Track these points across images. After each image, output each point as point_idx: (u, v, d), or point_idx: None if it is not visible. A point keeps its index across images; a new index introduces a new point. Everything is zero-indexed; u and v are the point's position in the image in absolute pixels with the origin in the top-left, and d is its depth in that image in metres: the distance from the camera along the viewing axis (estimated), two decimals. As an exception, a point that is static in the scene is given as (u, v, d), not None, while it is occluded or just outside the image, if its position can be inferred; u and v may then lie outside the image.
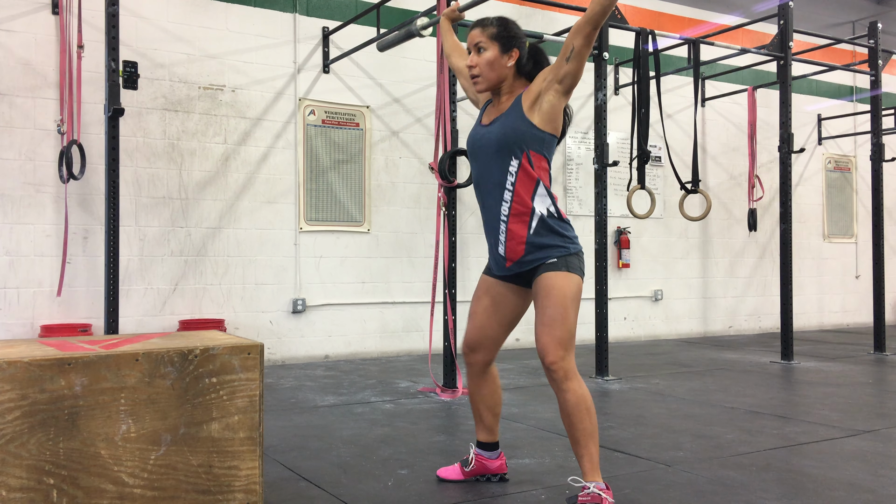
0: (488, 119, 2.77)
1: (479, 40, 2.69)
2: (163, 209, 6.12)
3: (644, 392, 5.08)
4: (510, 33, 2.69)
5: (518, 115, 2.64)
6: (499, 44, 2.67)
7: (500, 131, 2.66)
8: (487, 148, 2.70)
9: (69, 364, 2.25)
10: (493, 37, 2.67)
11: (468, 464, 2.95)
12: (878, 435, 3.80)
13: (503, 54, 2.68)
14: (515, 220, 2.65)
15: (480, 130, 2.76)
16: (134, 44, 5.97)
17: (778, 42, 6.72)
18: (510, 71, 2.70)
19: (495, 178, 2.69)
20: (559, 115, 2.66)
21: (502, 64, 2.68)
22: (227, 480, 2.47)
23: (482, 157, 2.73)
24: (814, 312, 9.88)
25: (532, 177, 2.65)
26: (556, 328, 2.55)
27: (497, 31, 2.68)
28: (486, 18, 2.73)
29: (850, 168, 10.32)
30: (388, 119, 7.10)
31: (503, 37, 2.68)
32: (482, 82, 2.71)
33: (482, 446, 2.95)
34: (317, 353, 6.72)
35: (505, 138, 2.64)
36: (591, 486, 2.51)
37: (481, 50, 2.68)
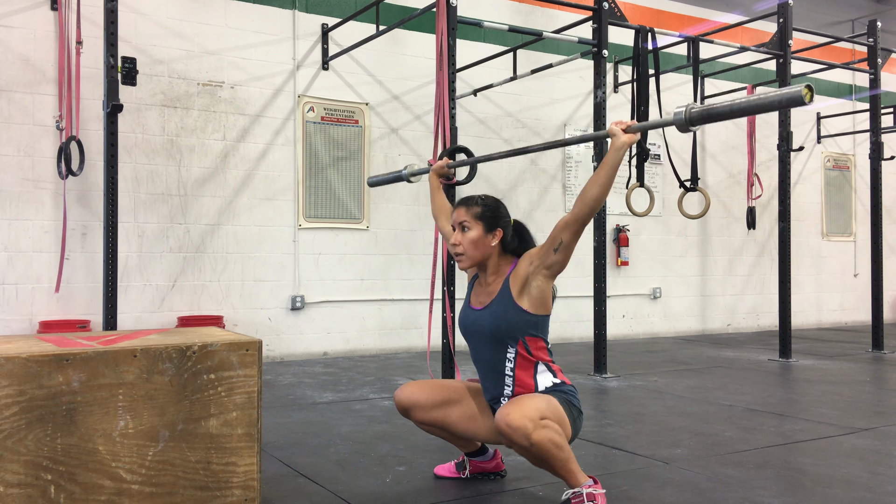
0: (478, 301, 2.75)
1: (463, 219, 2.69)
2: (161, 206, 6.12)
3: (642, 390, 5.09)
4: (494, 213, 2.70)
5: (508, 303, 2.62)
6: (483, 223, 2.67)
7: (492, 322, 2.64)
8: (481, 335, 2.69)
9: (67, 360, 2.25)
10: (477, 216, 2.68)
11: (463, 468, 2.95)
12: (875, 433, 3.80)
13: (487, 233, 2.68)
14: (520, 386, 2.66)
15: (472, 315, 2.74)
16: (133, 40, 5.96)
17: (777, 40, 6.72)
18: (494, 250, 2.70)
19: (493, 363, 2.68)
20: (548, 296, 2.67)
21: (486, 243, 2.68)
22: (225, 477, 2.47)
23: (477, 342, 2.73)
24: (812, 311, 9.88)
25: (530, 360, 2.64)
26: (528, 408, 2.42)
27: (481, 212, 2.68)
28: (471, 197, 2.73)
29: (849, 166, 10.32)
30: (388, 116, 7.09)
31: (487, 217, 2.68)
32: (466, 260, 2.70)
33: (472, 454, 2.95)
34: (315, 350, 6.72)
35: (498, 330, 2.63)
36: (582, 489, 2.49)
37: (465, 229, 2.68)
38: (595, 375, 5.64)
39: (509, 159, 7.71)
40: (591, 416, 4.19)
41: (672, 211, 8.51)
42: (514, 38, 7.34)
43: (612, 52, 8.00)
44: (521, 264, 2.66)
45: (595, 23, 5.78)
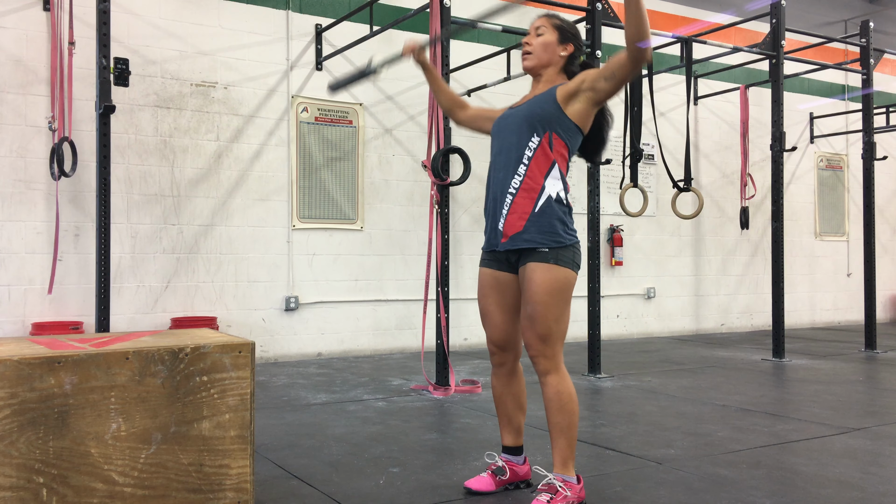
0: (521, 102, 2.82)
1: (540, 25, 2.78)
2: (155, 206, 6.10)
3: (636, 390, 5.09)
4: (572, 31, 2.80)
5: (549, 99, 2.68)
6: (559, 33, 2.76)
7: (528, 109, 2.71)
8: (512, 124, 2.74)
9: (59, 363, 2.24)
10: (555, 26, 2.77)
11: (503, 472, 2.83)
12: (868, 432, 3.81)
13: (560, 43, 2.75)
14: (523, 195, 2.66)
15: (510, 112, 2.81)
16: (125, 40, 5.95)
17: (770, 41, 6.74)
18: (560, 60, 2.76)
19: (513, 152, 2.71)
20: (587, 119, 2.71)
21: (555, 51, 2.75)
22: (218, 479, 2.46)
23: (504, 134, 2.77)
24: (805, 310, 9.92)
25: (549, 157, 2.67)
26: (537, 324, 2.60)
27: (561, 24, 2.78)
28: (555, 14, 2.84)
29: (842, 166, 10.36)
30: (382, 116, 7.09)
31: (564, 30, 2.77)
32: (531, 59, 2.77)
33: (510, 451, 2.87)
34: (309, 351, 6.71)
35: (531, 114, 2.68)
36: (551, 477, 2.60)
37: (540, 33, 2.76)
38: (589, 375, 5.65)
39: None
40: (585, 417, 4.20)
41: (666, 211, 8.52)
42: (508, 38, 7.34)
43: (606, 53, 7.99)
44: (573, 80, 2.69)
45: (588, 23, 5.79)
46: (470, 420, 4.12)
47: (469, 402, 4.63)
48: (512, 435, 2.86)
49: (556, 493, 2.57)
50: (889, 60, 10.24)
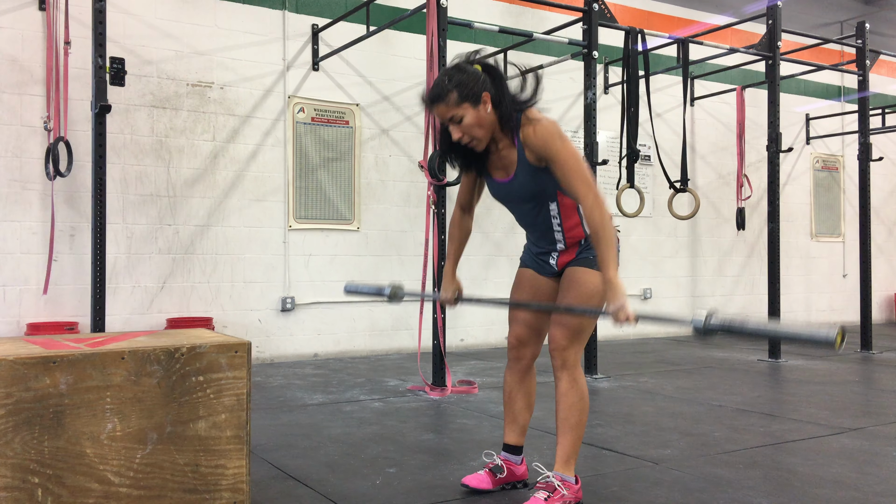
0: (500, 174, 2.68)
1: (450, 114, 2.52)
2: (150, 207, 6.09)
3: (632, 390, 5.10)
4: (469, 85, 2.50)
5: (532, 169, 2.58)
6: (469, 102, 2.51)
7: (524, 188, 2.63)
8: (518, 201, 2.70)
9: (54, 362, 2.23)
10: (459, 101, 2.50)
11: (500, 470, 2.83)
12: (864, 433, 3.82)
13: (478, 107, 2.52)
14: (571, 242, 2.70)
15: (502, 187, 2.70)
16: (121, 40, 5.93)
17: (766, 42, 6.75)
18: (494, 116, 2.55)
19: (540, 223, 2.70)
20: None
21: (485, 116, 2.53)
22: (214, 479, 2.46)
23: (516, 207, 2.75)
24: (801, 311, 9.93)
25: (573, 206, 2.65)
26: (569, 319, 2.60)
27: (459, 94, 2.50)
28: (440, 89, 2.52)
29: (838, 167, 10.38)
30: (378, 117, 7.08)
31: (466, 93, 2.50)
32: (479, 143, 2.58)
33: (510, 450, 2.86)
34: (306, 352, 6.70)
35: (533, 193, 2.63)
36: (550, 475, 2.61)
37: (458, 118, 2.52)
38: (586, 376, 5.64)
39: (500, 160, 7.70)
40: (582, 417, 4.20)
41: (662, 212, 8.53)
42: (505, 39, 7.35)
43: (603, 54, 8.02)
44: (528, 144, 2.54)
45: (585, 24, 5.79)
46: (466, 420, 4.12)
47: (465, 402, 4.63)
48: (515, 434, 2.86)
49: (554, 491, 2.57)
50: (885, 62, 10.27)
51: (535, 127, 2.53)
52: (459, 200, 2.91)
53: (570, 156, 2.50)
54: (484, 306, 2.91)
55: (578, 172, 2.49)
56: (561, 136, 2.52)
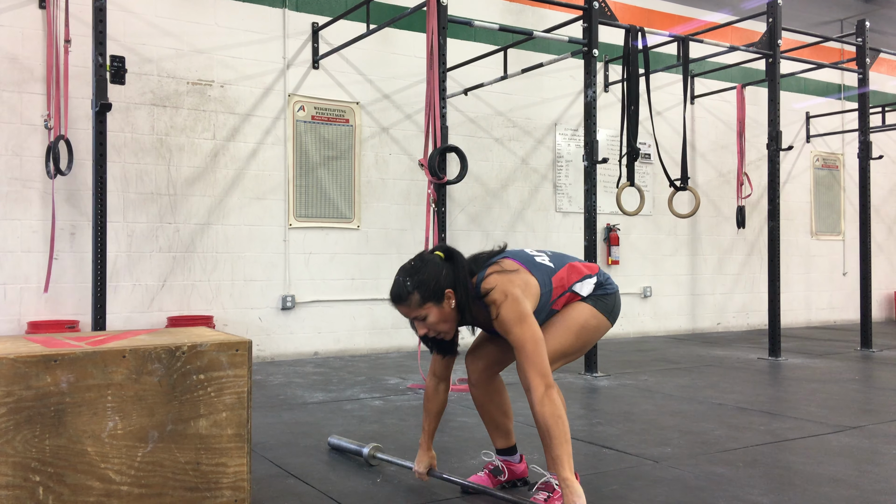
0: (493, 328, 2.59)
1: (413, 315, 2.50)
2: (151, 205, 6.09)
3: (632, 389, 5.10)
4: (430, 285, 2.47)
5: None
6: (431, 301, 2.47)
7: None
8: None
9: (55, 361, 2.23)
10: (420, 302, 2.47)
11: (501, 472, 2.84)
12: (864, 431, 3.82)
13: (441, 305, 2.48)
14: None
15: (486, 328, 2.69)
16: (121, 38, 5.93)
17: (766, 40, 6.75)
18: (454, 309, 2.51)
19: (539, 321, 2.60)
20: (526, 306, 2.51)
21: (449, 312, 2.50)
22: (215, 477, 2.46)
23: None
24: (801, 309, 9.93)
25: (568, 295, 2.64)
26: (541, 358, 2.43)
27: (421, 295, 2.46)
28: (399, 289, 2.49)
29: (838, 166, 10.38)
30: (378, 115, 7.08)
31: (428, 294, 2.46)
32: (447, 335, 2.57)
33: (504, 452, 2.86)
34: (306, 350, 6.70)
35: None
36: (548, 475, 2.60)
37: (423, 317, 2.50)
38: (586, 374, 5.65)
39: (500, 159, 7.72)
40: (582, 416, 4.20)
41: (662, 210, 8.53)
42: (505, 37, 7.34)
43: (603, 52, 8.02)
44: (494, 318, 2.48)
45: (585, 22, 5.79)
46: (466, 419, 4.12)
47: (465, 400, 4.63)
48: (502, 438, 2.86)
49: (554, 491, 2.57)
50: (885, 60, 10.26)
51: (497, 310, 2.46)
52: (434, 371, 2.78)
53: (528, 341, 2.40)
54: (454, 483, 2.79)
55: (533, 361, 2.38)
56: (520, 318, 2.42)
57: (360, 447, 3.20)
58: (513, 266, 2.58)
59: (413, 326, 2.57)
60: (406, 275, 2.51)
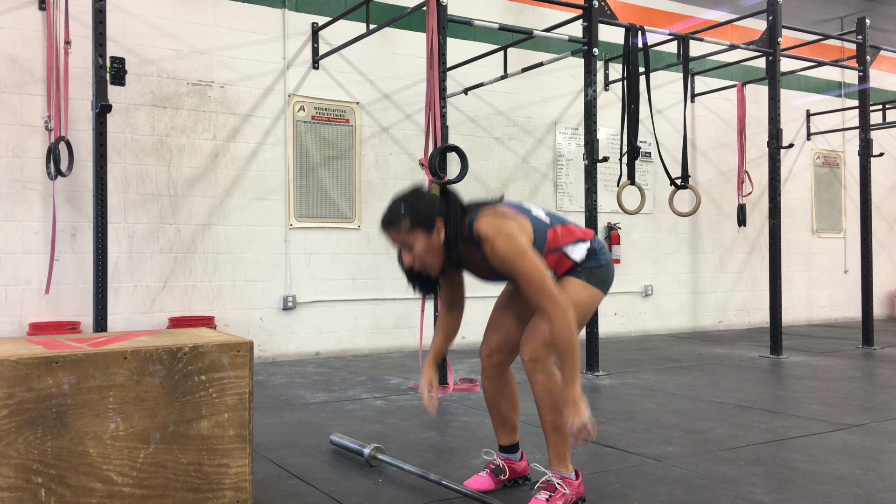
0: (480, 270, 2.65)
1: (401, 240, 2.51)
2: (151, 206, 6.09)
3: (634, 387, 5.10)
4: (422, 212, 2.49)
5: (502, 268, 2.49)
6: (421, 228, 2.49)
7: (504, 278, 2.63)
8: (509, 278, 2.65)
9: (57, 362, 2.23)
10: (411, 227, 2.48)
11: (502, 471, 2.85)
12: (866, 429, 3.82)
13: (430, 235, 2.49)
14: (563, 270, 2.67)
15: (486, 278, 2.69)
16: (121, 39, 5.93)
17: (767, 38, 6.74)
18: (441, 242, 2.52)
19: None
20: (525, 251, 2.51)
21: (437, 244, 2.51)
22: (217, 478, 2.46)
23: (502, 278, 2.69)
24: (802, 307, 9.93)
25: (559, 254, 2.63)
26: (540, 325, 2.56)
27: (412, 220, 2.48)
28: (392, 215, 2.51)
29: (839, 163, 10.37)
30: (378, 115, 7.08)
31: (419, 221, 2.48)
32: (433, 269, 2.56)
33: (506, 450, 2.88)
34: (307, 350, 6.70)
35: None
36: (549, 474, 2.60)
37: (410, 244, 2.50)
38: (587, 373, 5.65)
39: (500, 159, 7.72)
40: (584, 414, 4.20)
41: (663, 208, 8.53)
42: (505, 36, 7.34)
43: (603, 50, 8.02)
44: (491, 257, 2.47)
45: (585, 21, 5.79)
46: (468, 418, 4.12)
47: (467, 400, 4.63)
48: (507, 434, 2.87)
49: (555, 490, 2.56)
50: (885, 57, 10.26)
51: (491, 247, 2.45)
52: (444, 301, 2.84)
53: (532, 271, 2.41)
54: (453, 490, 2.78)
55: (543, 289, 2.41)
56: (520, 252, 2.42)
57: (362, 447, 3.20)
58: (508, 211, 2.58)
59: (399, 259, 2.58)
60: (400, 200, 2.54)
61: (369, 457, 3.14)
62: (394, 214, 2.52)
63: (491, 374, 2.81)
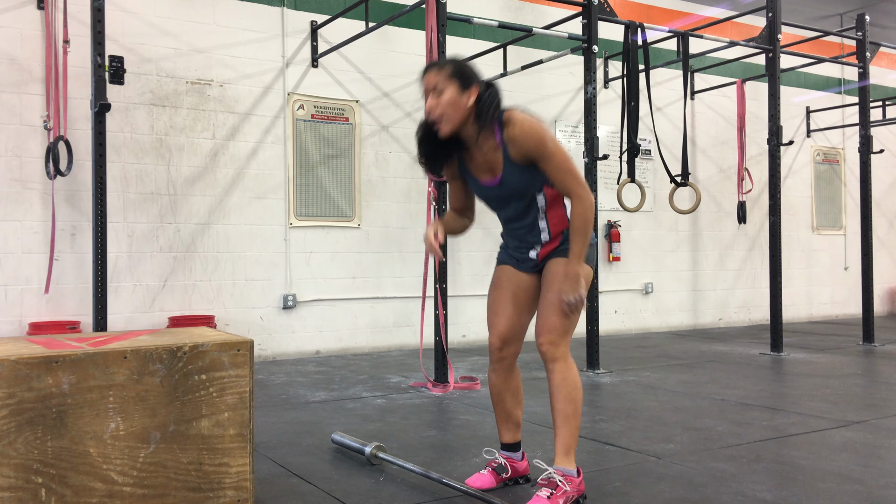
0: (485, 175, 2.70)
1: (435, 82, 2.58)
2: (151, 205, 6.09)
3: (635, 385, 5.10)
4: (467, 71, 2.60)
5: (519, 169, 2.61)
6: (457, 82, 2.57)
7: (512, 189, 2.66)
8: (509, 199, 2.70)
9: (56, 362, 2.23)
10: (449, 76, 2.57)
11: (504, 470, 2.87)
12: (867, 426, 3.82)
13: (463, 92, 2.56)
14: (554, 239, 2.74)
15: (489, 190, 2.72)
16: (120, 38, 5.92)
17: (766, 34, 6.74)
18: (471, 110, 2.58)
19: (526, 219, 2.73)
20: None
21: (463, 103, 2.56)
22: (218, 477, 2.46)
23: (503, 206, 2.76)
24: (803, 304, 9.92)
25: (560, 199, 2.71)
26: (553, 315, 2.64)
27: (453, 70, 2.58)
28: (442, 60, 2.68)
29: (839, 160, 10.36)
30: (378, 113, 7.07)
31: (460, 75, 2.58)
32: (446, 124, 2.58)
33: (509, 448, 2.90)
34: (308, 349, 6.70)
35: (522, 190, 2.65)
36: (551, 471, 2.60)
37: (440, 92, 2.57)
38: (587, 371, 5.65)
39: (500, 156, 7.70)
40: (585, 412, 4.20)
41: (663, 206, 8.52)
42: (504, 34, 7.33)
43: (602, 48, 8.01)
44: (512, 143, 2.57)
45: (585, 18, 5.78)
46: (469, 417, 4.12)
47: (468, 398, 4.63)
48: (511, 431, 2.89)
49: (556, 487, 2.56)
50: (885, 54, 10.25)
51: (521, 127, 2.54)
52: (452, 206, 2.92)
53: (560, 154, 2.56)
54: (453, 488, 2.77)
55: (569, 171, 2.57)
56: (550, 136, 2.58)
57: (363, 446, 3.20)
58: None
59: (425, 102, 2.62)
60: (453, 57, 2.80)
61: (370, 455, 3.14)
62: (442, 60, 2.67)
63: (499, 368, 2.85)
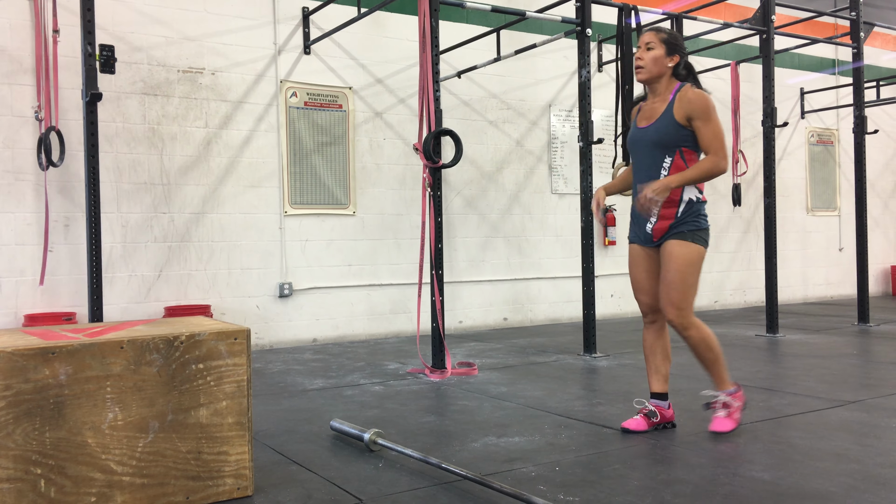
0: (644, 121, 3.33)
1: (649, 40, 3.29)
2: (145, 195, 6.06)
3: (631, 368, 5.11)
4: (677, 42, 3.31)
5: (671, 121, 3.21)
6: (666, 46, 3.28)
7: (654, 135, 3.25)
8: (644, 147, 3.30)
9: (53, 353, 2.22)
10: (662, 40, 3.28)
11: (655, 415, 3.36)
12: (863, 405, 3.84)
13: (667, 55, 3.27)
14: (667, 206, 3.22)
15: (638, 132, 3.34)
16: (110, 27, 5.88)
17: (760, 16, 6.71)
18: (669, 71, 3.29)
19: (651, 171, 3.27)
20: None
21: (664, 63, 3.28)
22: (217, 466, 2.46)
23: (639, 154, 3.34)
24: (798, 285, 9.96)
25: (682, 169, 3.21)
26: (672, 291, 3.20)
27: (666, 37, 3.29)
28: (663, 27, 3.40)
29: (833, 141, 10.37)
30: (372, 100, 7.04)
31: (670, 43, 3.28)
32: (644, 73, 3.29)
33: (658, 396, 3.38)
34: (304, 337, 6.70)
35: (659, 140, 3.23)
36: (721, 395, 3.31)
37: (651, 47, 3.27)
38: (584, 355, 5.66)
39: (495, 142, 7.69)
40: (582, 396, 4.21)
41: (658, 189, 8.50)
42: (498, 18, 7.29)
43: (596, 31, 7.97)
44: (685, 106, 3.18)
45: (578, 1, 5.75)
46: (467, 402, 4.13)
47: (466, 384, 4.64)
48: (660, 382, 3.40)
49: (729, 406, 3.29)
50: (879, 34, 10.23)
51: (696, 93, 3.21)
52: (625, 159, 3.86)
53: (717, 124, 3.19)
54: None
55: (720, 138, 3.18)
56: (715, 108, 3.22)
57: (362, 432, 3.21)
58: None
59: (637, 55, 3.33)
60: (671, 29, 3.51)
61: (369, 442, 3.15)
62: (662, 27, 3.36)
63: (651, 329, 3.42)
